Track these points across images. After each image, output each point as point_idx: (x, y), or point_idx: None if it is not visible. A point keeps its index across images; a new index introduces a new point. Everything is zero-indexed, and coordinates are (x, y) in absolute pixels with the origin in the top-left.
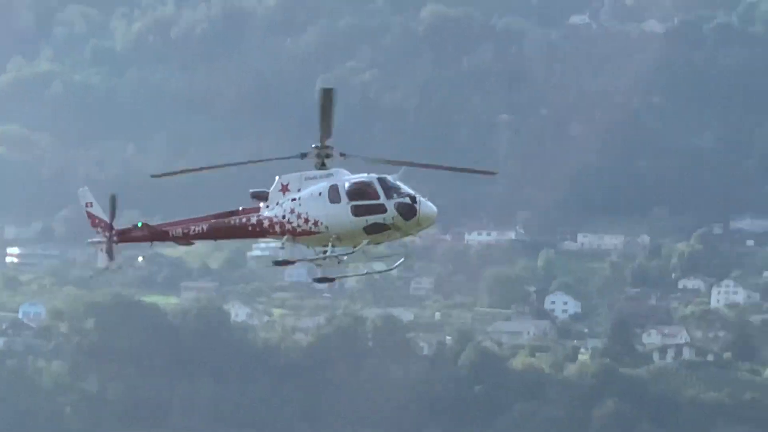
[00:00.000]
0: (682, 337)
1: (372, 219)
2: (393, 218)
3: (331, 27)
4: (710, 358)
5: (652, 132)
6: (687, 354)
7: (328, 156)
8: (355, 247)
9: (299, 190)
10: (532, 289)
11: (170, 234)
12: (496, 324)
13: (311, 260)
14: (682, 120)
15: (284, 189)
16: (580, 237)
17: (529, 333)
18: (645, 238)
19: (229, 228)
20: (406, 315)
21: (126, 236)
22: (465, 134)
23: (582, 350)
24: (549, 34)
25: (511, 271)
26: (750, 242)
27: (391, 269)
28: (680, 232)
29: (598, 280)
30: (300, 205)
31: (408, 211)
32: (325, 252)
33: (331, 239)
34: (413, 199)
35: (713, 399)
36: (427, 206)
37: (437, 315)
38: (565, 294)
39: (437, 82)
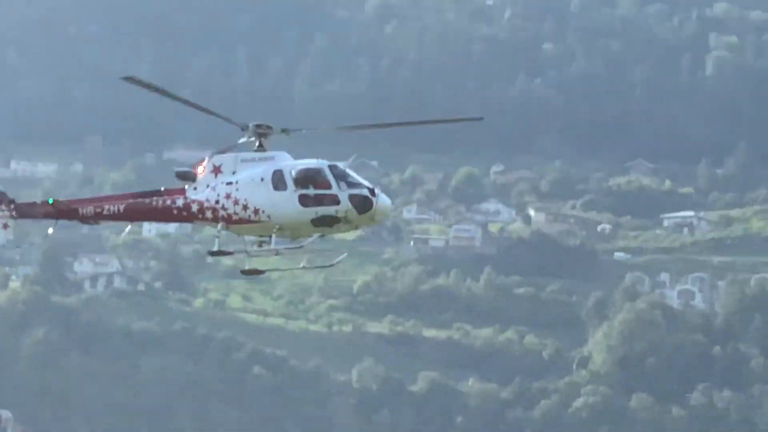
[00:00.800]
0: (114, 265)
1: (322, 211)
2: (346, 211)
3: None
4: (141, 287)
5: (87, 60)
6: (118, 283)
7: (265, 135)
8: (297, 239)
9: (234, 173)
10: None
11: (79, 212)
12: None
13: (251, 253)
14: (117, 49)
15: (216, 171)
16: (13, 164)
17: None
18: (78, 167)
19: (150, 209)
20: None
21: (27, 211)
22: None
23: (13, 277)
24: None
25: None
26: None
27: (331, 265)
28: (114, 161)
29: None
30: (237, 189)
31: (363, 203)
32: (261, 243)
33: (273, 230)
34: (372, 191)
35: (143, 328)
36: (383, 199)
37: None
38: None
39: None
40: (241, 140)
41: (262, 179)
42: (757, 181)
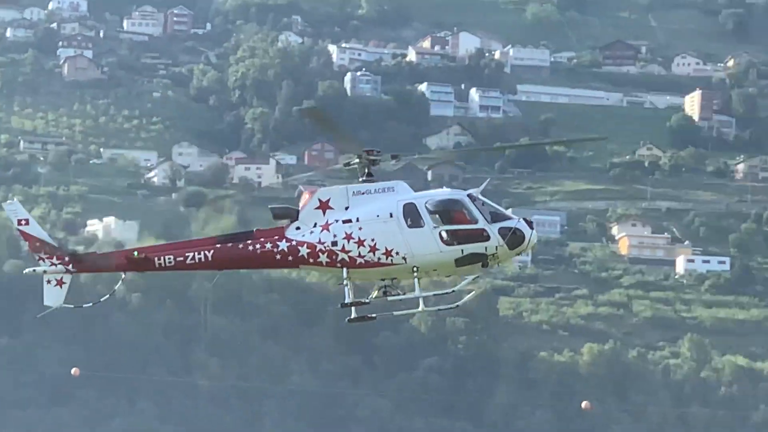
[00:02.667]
0: None
1: (469, 248)
2: (497, 247)
3: None
4: None
5: None
6: None
7: (374, 163)
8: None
9: (347, 209)
10: None
11: (156, 263)
12: None
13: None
14: None
15: (324, 206)
16: None
17: None
18: None
19: (245, 256)
20: None
21: (88, 264)
22: None
23: None
24: None
25: None
26: None
27: (456, 305)
28: None
29: None
30: (361, 229)
31: (516, 238)
32: (385, 289)
33: (410, 273)
34: (529, 223)
35: None
36: (532, 232)
37: None
38: None
39: None
40: (338, 165)
41: (390, 215)
42: None
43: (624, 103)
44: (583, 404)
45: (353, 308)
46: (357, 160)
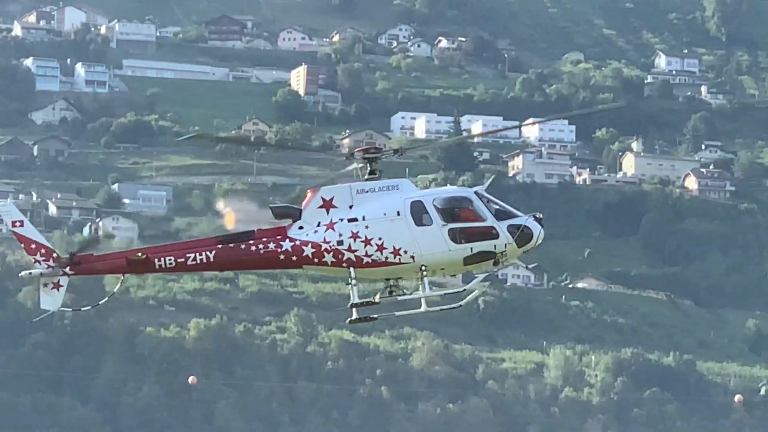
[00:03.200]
0: None
1: (478, 246)
2: (505, 245)
3: None
4: None
5: None
6: None
7: (374, 159)
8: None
9: (351, 207)
10: None
11: (156, 264)
12: None
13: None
14: None
15: (327, 205)
16: None
17: None
18: None
19: (248, 257)
20: None
21: (85, 267)
22: None
23: None
24: None
25: None
26: None
27: (459, 305)
28: None
29: None
30: (368, 227)
31: (525, 235)
32: (391, 289)
33: (421, 272)
34: (539, 220)
35: None
36: (540, 229)
37: None
38: None
39: None
40: (348, 168)
41: (398, 213)
42: None
43: (230, 78)
44: (190, 379)
45: (354, 309)
46: (354, 164)
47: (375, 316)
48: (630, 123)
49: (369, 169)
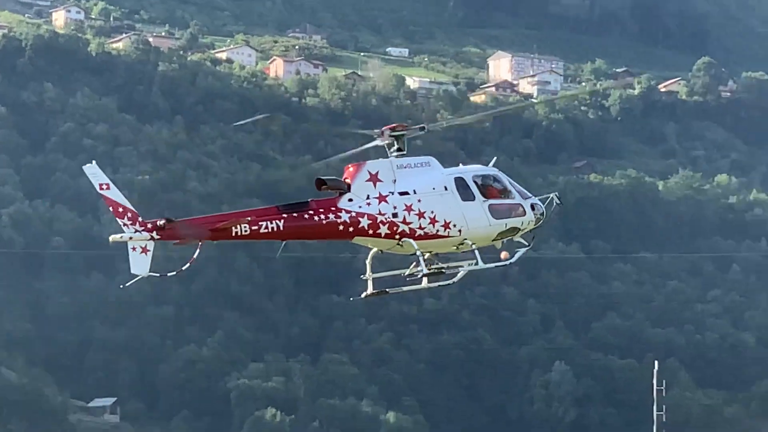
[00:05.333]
0: None
1: (511, 222)
2: (529, 222)
3: None
4: None
5: None
6: None
7: (400, 137)
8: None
9: (395, 182)
10: None
11: (233, 232)
12: None
13: (446, 269)
14: None
15: (374, 179)
16: None
17: None
18: None
19: (312, 227)
20: None
21: (171, 232)
22: None
23: None
24: None
25: None
26: None
27: (453, 282)
28: None
29: None
30: (420, 201)
31: (542, 214)
32: (437, 264)
33: (462, 245)
34: (559, 198)
35: None
36: (543, 207)
37: None
38: None
39: None
40: (372, 143)
41: (445, 188)
42: None
43: None
44: None
45: (369, 283)
46: (378, 140)
47: (387, 290)
48: None
49: (396, 146)
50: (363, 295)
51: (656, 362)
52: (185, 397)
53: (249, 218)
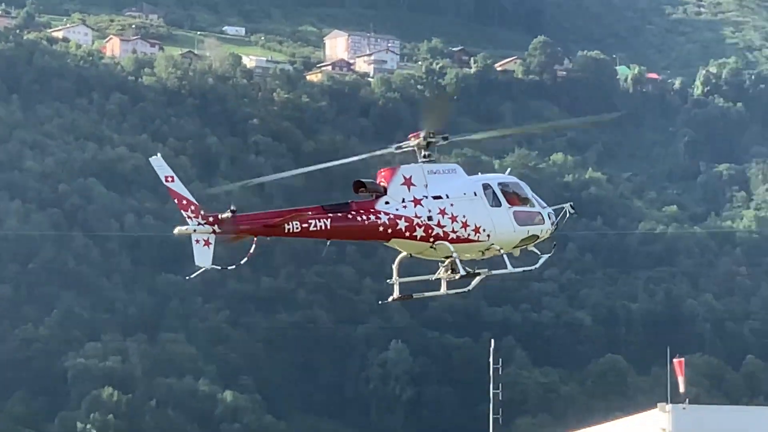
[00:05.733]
0: None
1: (533, 230)
2: (547, 231)
3: None
4: None
5: None
6: None
7: (432, 144)
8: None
9: (426, 186)
10: None
11: (285, 228)
12: None
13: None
14: None
15: (408, 183)
16: None
17: None
18: None
19: (355, 227)
20: None
21: (229, 226)
22: None
23: None
24: None
25: None
26: None
27: (469, 290)
28: None
29: None
30: (452, 205)
31: (556, 223)
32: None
33: (488, 250)
34: (573, 207)
35: None
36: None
37: None
38: None
39: None
40: (393, 147)
41: (475, 194)
42: None
43: None
44: None
45: (396, 287)
46: (415, 143)
47: (411, 294)
48: None
49: (423, 153)
50: (390, 299)
51: (492, 341)
52: (22, 376)
53: (305, 215)
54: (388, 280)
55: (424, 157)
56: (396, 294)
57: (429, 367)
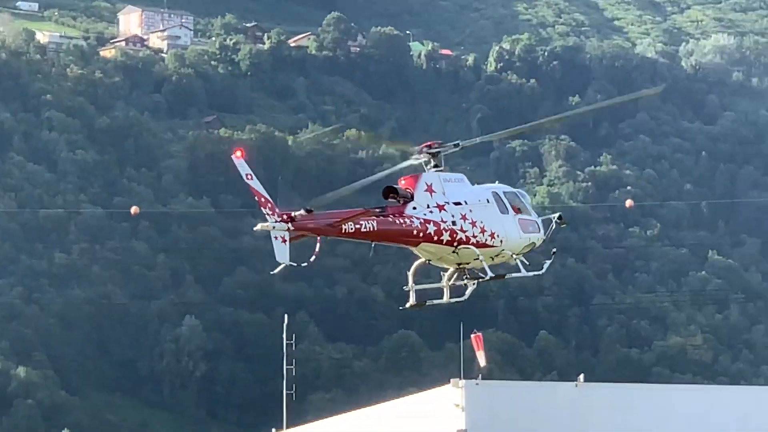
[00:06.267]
0: None
1: (533, 238)
2: (540, 239)
3: None
4: None
5: None
6: None
7: (437, 154)
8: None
9: (443, 194)
10: None
11: (342, 229)
12: None
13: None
14: None
15: (429, 190)
16: None
17: None
18: None
19: (395, 230)
20: None
21: (300, 224)
22: None
23: None
24: None
25: None
26: None
27: (463, 299)
28: None
29: None
30: (471, 211)
31: (545, 232)
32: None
33: (497, 256)
34: (561, 217)
35: None
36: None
37: None
38: None
39: None
40: (408, 162)
41: (488, 201)
42: None
43: None
44: None
45: (412, 294)
46: (418, 156)
47: (424, 301)
48: None
49: (433, 163)
50: (407, 305)
51: (286, 316)
52: None
53: (359, 217)
54: (404, 288)
55: (434, 167)
56: (412, 300)
57: (222, 343)
